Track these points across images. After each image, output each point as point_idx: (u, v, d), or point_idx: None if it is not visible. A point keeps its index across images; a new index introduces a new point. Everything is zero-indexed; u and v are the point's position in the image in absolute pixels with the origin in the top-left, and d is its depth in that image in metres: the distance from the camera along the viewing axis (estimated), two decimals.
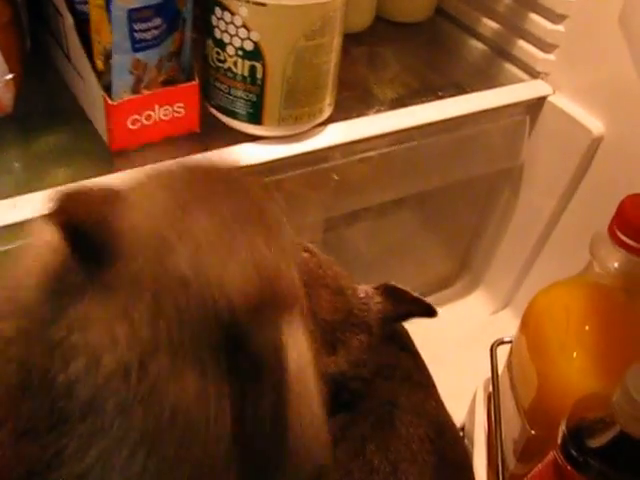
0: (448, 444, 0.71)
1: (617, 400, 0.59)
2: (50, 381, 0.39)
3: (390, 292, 0.69)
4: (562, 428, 0.66)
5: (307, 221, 0.81)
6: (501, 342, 0.89)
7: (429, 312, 0.69)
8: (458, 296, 1.08)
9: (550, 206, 0.91)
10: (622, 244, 0.67)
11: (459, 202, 1.01)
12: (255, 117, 0.69)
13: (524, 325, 0.80)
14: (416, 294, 0.69)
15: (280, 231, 0.46)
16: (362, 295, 0.68)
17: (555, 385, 0.73)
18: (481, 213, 1.01)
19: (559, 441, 0.66)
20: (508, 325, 0.88)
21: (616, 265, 0.69)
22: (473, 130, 0.85)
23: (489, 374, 0.88)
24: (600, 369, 0.71)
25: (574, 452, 0.64)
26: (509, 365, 0.84)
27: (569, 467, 0.64)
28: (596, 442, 0.63)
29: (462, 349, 0.85)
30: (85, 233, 0.40)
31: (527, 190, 0.95)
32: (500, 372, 0.88)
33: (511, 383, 0.83)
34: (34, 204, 0.62)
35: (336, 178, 0.75)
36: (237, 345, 0.40)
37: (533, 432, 0.77)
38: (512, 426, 0.82)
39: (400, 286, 0.70)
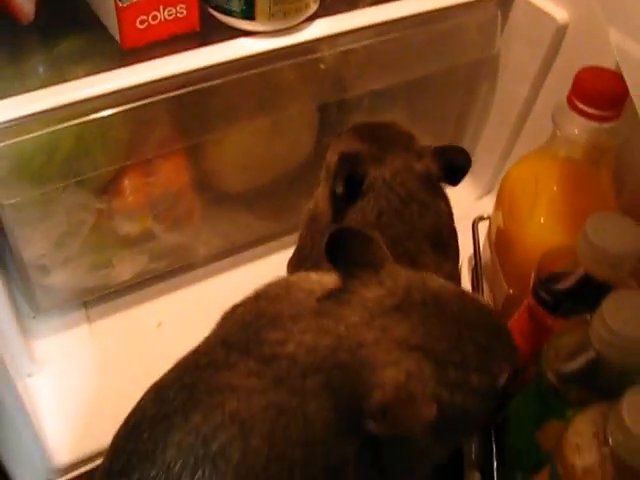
0: None
1: (579, 245, 0.68)
2: None
3: (439, 149, 0.80)
4: (533, 276, 0.75)
5: (299, 109, 0.90)
6: (481, 218, 0.99)
7: (464, 164, 0.80)
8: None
9: (524, 93, 0.99)
10: (579, 111, 0.76)
11: (443, 96, 1.09)
12: (248, 14, 0.77)
13: (499, 197, 0.89)
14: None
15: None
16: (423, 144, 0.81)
17: (527, 245, 0.83)
18: (463, 105, 1.09)
19: (531, 288, 0.76)
20: (491, 208, 0.96)
21: (576, 132, 0.77)
22: (450, 23, 0.92)
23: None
24: (566, 228, 0.80)
25: (544, 295, 0.74)
26: (489, 236, 0.94)
27: (541, 308, 0.74)
28: (563, 284, 0.72)
29: None
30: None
31: (503, 79, 1.03)
32: (482, 245, 0.98)
33: (491, 252, 0.92)
34: (57, 95, 0.71)
35: (323, 67, 0.84)
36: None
37: (511, 291, 0.86)
38: (494, 290, 0.92)
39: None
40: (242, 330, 0.62)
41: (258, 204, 1.03)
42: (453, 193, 1.16)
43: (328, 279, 0.64)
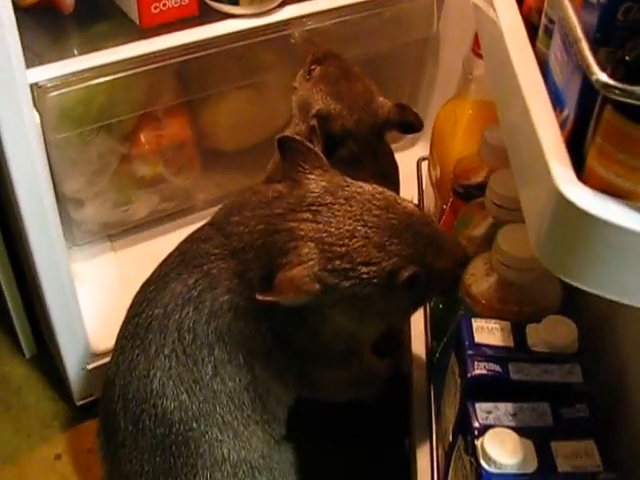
0: None
1: (482, 149, 0.93)
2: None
3: (400, 106, 1.00)
4: (452, 178, 0.98)
5: (276, 77, 1.15)
6: (423, 158, 1.23)
7: (418, 124, 0.99)
8: (403, 148, 1.41)
9: (459, 63, 1.24)
10: (478, 55, 1.01)
11: (397, 73, 1.34)
12: (234, 1, 1.03)
13: (432, 137, 1.14)
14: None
15: None
16: (381, 99, 1.00)
17: (451, 161, 1.04)
18: (414, 79, 1.34)
19: (450, 187, 0.99)
20: None
21: (481, 72, 1.02)
22: (395, 9, 1.18)
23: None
24: (477, 143, 1.00)
25: (460, 189, 0.97)
26: (429, 171, 1.18)
27: (458, 201, 0.97)
28: (474, 180, 0.96)
29: (405, 182, 1.16)
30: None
31: (444, 54, 1.29)
32: (425, 182, 1.22)
33: (431, 182, 1.17)
34: (93, 60, 0.97)
35: (293, 42, 1.09)
36: None
37: (444, 207, 1.10)
38: (434, 211, 1.16)
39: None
40: (224, 215, 0.86)
41: (246, 162, 1.28)
42: (410, 156, 1.41)
43: None
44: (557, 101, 0.54)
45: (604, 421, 0.70)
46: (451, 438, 0.77)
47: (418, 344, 1.01)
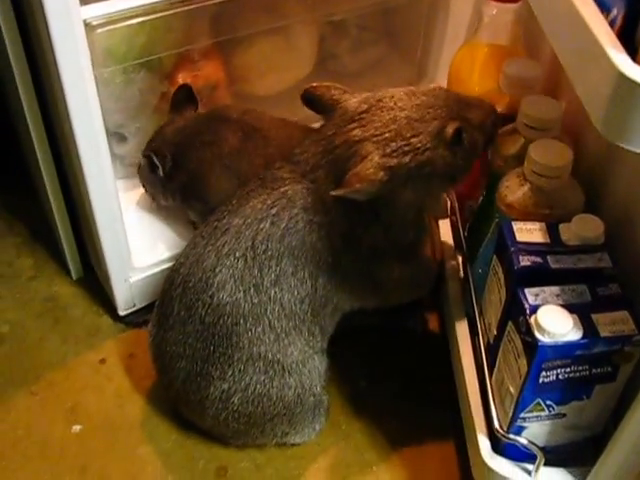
0: None
1: (500, 81, 1.04)
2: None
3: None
4: None
5: (301, 23, 1.25)
6: None
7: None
8: None
9: (469, 12, 1.34)
10: None
11: (411, 26, 1.44)
12: None
13: (449, 78, 1.22)
14: None
15: None
16: None
17: None
18: (426, 27, 1.44)
19: None
20: None
21: (494, 12, 1.11)
22: None
23: None
24: (494, 79, 1.10)
25: None
26: None
27: None
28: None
29: None
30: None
31: (453, 6, 1.38)
32: None
33: None
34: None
35: None
36: None
37: None
38: None
39: None
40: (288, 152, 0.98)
41: (275, 107, 1.38)
42: None
43: None
44: (603, 6, 0.62)
45: (633, 296, 0.82)
46: (496, 331, 0.89)
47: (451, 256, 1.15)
